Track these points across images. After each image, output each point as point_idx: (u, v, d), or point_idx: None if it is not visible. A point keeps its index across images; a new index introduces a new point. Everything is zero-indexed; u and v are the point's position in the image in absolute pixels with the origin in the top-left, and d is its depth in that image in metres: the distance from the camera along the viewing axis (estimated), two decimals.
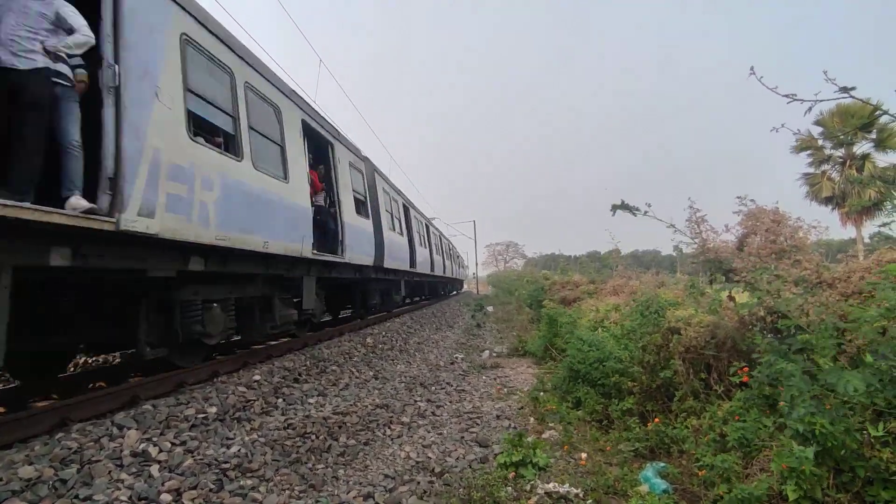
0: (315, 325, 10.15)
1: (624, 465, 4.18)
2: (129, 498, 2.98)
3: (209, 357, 6.45)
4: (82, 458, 3.31)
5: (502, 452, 4.51)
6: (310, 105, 9.05)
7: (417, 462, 4.57)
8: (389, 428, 5.48)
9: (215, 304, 5.93)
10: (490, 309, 22.66)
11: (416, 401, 6.64)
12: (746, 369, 4.07)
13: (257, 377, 5.97)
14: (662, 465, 3.95)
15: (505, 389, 7.48)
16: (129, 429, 3.89)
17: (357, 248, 10.42)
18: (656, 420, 4.83)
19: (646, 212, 4.51)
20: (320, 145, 9.82)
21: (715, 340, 5.05)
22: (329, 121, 10.13)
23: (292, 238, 7.31)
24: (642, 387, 5.48)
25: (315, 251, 8.20)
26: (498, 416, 6.02)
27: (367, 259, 11.26)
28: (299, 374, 6.70)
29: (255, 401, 5.26)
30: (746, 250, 6.65)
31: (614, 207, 4.28)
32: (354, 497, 3.76)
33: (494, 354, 11.00)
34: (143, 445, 3.66)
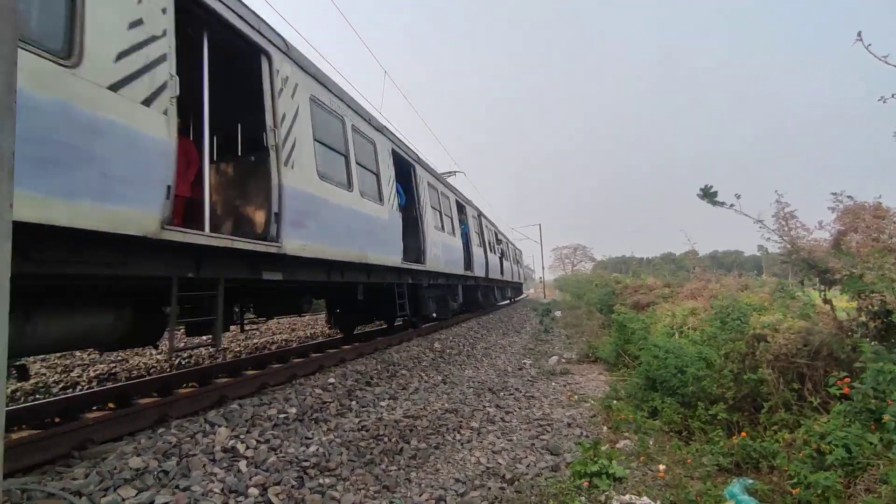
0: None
1: (707, 480, 3.95)
2: (222, 490, 3.22)
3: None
4: (181, 452, 3.61)
5: (575, 461, 4.41)
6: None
7: (488, 468, 4.57)
8: (459, 432, 5.52)
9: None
10: (558, 314, 22.19)
11: (484, 406, 6.63)
12: (847, 380, 3.72)
13: (332, 380, 6.23)
14: (750, 481, 3.69)
15: (575, 396, 7.29)
16: (219, 426, 4.20)
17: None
18: (743, 433, 4.52)
19: (732, 205, 4.22)
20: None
21: (808, 348, 4.67)
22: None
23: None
24: (730, 395, 5.15)
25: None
26: (569, 424, 5.89)
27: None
28: (371, 378, 6.91)
29: (330, 403, 5.49)
30: (844, 249, 6.06)
31: (701, 193, 4.03)
32: (427, 500, 3.82)
33: (563, 360, 10.76)
34: (232, 442, 3.93)
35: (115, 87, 3.57)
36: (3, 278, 1.26)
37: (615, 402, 6.45)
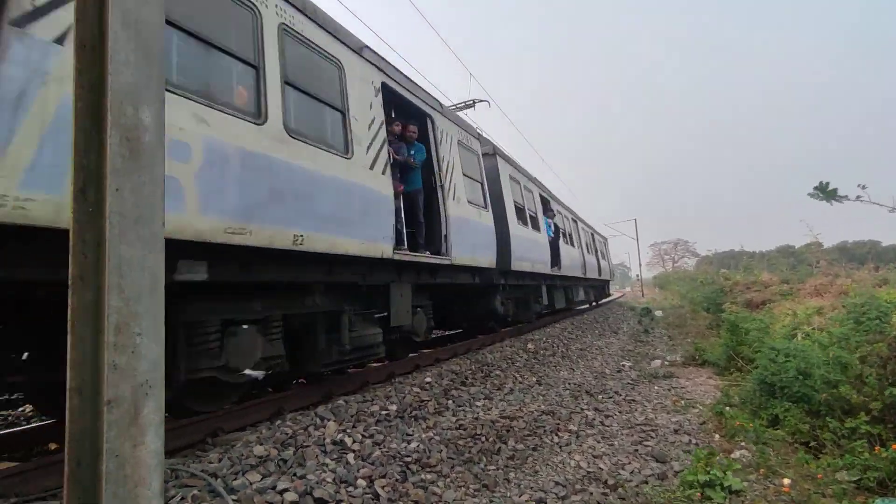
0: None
1: (843, 498, 3.54)
2: (334, 480, 3.45)
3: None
4: (296, 443, 3.93)
5: (685, 470, 4.15)
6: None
7: (588, 472, 4.45)
8: (557, 435, 5.43)
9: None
10: (658, 313, 20.96)
11: (582, 409, 6.46)
12: None
13: (428, 379, 6.41)
14: None
15: (682, 401, 6.86)
16: (328, 420, 4.50)
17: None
18: (894, 446, 3.97)
19: (858, 196, 3.67)
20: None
21: None
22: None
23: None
24: (877, 406, 4.56)
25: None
26: (676, 431, 5.56)
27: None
28: (466, 378, 7.01)
29: (428, 401, 5.65)
30: None
31: (816, 192, 3.53)
32: (527, 501, 3.81)
33: (666, 363, 10.16)
34: (340, 436, 4.20)
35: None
36: (159, 285, 1.46)
37: (728, 408, 5.98)
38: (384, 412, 4.99)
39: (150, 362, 1.40)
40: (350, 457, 3.88)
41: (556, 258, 14.03)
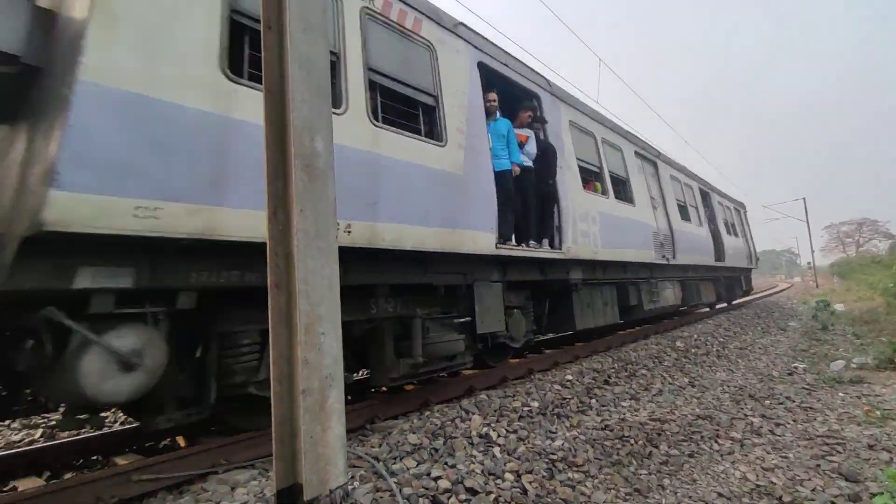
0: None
1: None
2: (482, 472, 3.58)
3: None
4: (445, 433, 4.15)
5: (883, 493, 3.54)
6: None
7: (757, 485, 4.01)
8: (717, 442, 4.97)
9: None
10: (839, 307, 17.92)
11: (746, 415, 5.82)
12: None
13: (569, 377, 6.29)
14: None
15: (877, 412, 5.81)
16: (473, 414, 4.67)
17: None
18: None
19: None
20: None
21: None
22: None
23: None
24: None
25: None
26: (871, 446, 4.74)
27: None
28: (608, 377, 6.74)
29: (570, 399, 5.56)
30: None
31: None
32: None
33: (854, 366, 8.66)
34: (485, 429, 4.33)
35: None
36: (335, 290, 1.67)
37: None
38: (526, 408, 5.03)
39: (332, 357, 1.61)
40: (496, 450, 3.98)
41: (546, 225, 6.91)
